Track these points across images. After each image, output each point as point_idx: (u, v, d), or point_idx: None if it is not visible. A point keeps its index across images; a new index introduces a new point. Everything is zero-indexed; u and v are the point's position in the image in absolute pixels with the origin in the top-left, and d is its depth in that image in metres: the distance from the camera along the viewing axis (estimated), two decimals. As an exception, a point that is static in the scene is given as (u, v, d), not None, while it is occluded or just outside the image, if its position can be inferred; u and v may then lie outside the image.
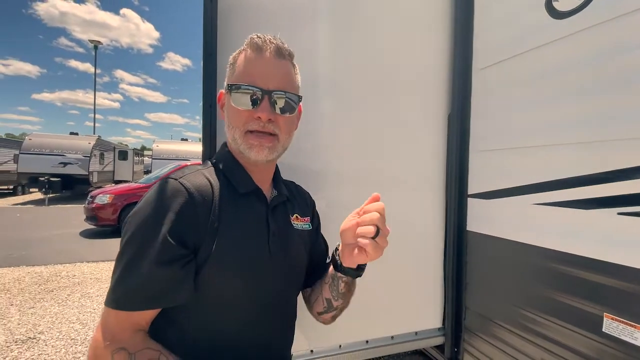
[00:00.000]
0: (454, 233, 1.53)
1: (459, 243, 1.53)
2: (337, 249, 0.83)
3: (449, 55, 1.55)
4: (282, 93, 0.76)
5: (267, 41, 0.76)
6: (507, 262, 1.31)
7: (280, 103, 0.76)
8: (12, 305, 3.74)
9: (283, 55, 0.77)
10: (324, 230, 1.44)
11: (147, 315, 0.68)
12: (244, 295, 0.76)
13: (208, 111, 1.18)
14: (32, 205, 12.45)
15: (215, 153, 0.88)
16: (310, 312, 0.97)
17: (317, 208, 1.05)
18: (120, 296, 0.64)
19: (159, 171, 9.34)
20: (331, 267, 0.88)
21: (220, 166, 0.82)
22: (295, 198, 0.96)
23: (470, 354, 1.47)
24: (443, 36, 1.55)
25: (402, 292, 1.52)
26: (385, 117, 1.48)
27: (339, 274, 0.83)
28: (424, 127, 1.55)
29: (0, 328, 3.20)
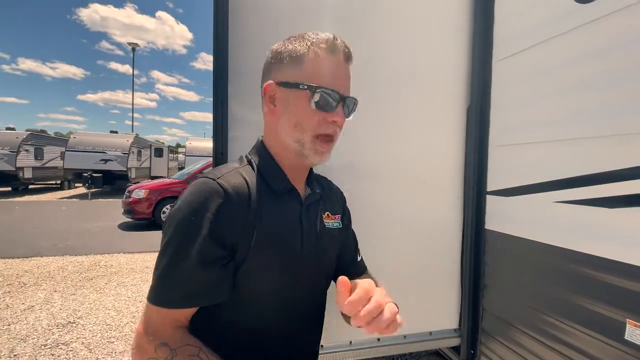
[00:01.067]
0: (471, 231, 1.47)
1: (476, 242, 1.47)
2: None
3: (467, 45, 1.48)
4: (353, 101, 0.79)
5: (342, 44, 0.78)
6: (527, 263, 1.24)
7: (350, 109, 0.79)
8: (55, 291, 4.04)
9: (350, 60, 0.80)
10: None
11: (187, 313, 0.71)
12: (277, 294, 0.78)
13: (220, 108, 1.20)
14: (76, 199, 13.34)
15: (251, 149, 0.87)
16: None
17: None
18: (163, 294, 0.67)
19: (191, 167, 9.70)
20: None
21: (256, 164, 0.82)
22: (327, 195, 0.95)
23: (487, 356, 1.41)
24: (462, 25, 1.48)
25: (416, 291, 1.49)
26: (400, 111, 1.44)
27: None
28: (441, 120, 1.50)
29: (45, 312, 3.47)
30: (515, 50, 1.30)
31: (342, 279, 0.63)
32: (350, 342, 1.39)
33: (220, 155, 1.21)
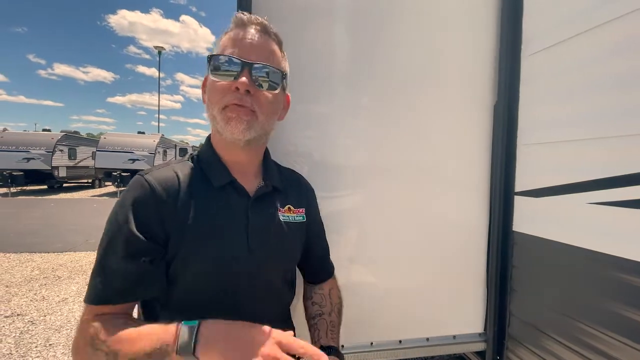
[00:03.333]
0: (498, 233, 1.42)
1: (504, 244, 1.42)
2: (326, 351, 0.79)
3: (495, 39, 1.43)
4: (262, 66, 0.72)
5: (252, 18, 0.74)
6: (559, 266, 1.18)
7: (263, 79, 0.72)
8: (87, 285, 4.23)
9: (268, 33, 0.75)
10: (362, 227, 1.41)
11: (121, 308, 0.68)
12: (218, 294, 0.74)
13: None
14: (106, 197, 13.91)
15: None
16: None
17: (354, 205, 1.01)
18: (92, 292, 0.66)
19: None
20: (322, 313, 0.89)
21: (199, 159, 0.81)
22: (290, 188, 0.91)
23: (514, 363, 1.36)
24: (488, 19, 1.43)
25: (440, 293, 1.45)
26: (424, 109, 1.41)
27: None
28: (467, 118, 1.45)
29: (78, 305, 3.64)
30: (547, 44, 1.24)
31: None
32: (372, 343, 1.38)
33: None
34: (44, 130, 17.20)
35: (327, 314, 0.90)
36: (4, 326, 3.12)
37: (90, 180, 18.26)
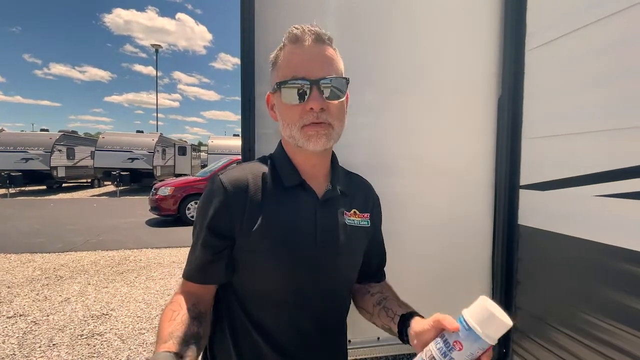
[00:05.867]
0: (503, 227, 1.42)
1: (509, 238, 1.42)
2: (408, 322, 0.72)
3: (498, 33, 1.43)
4: (329, 80, 0.74)
5: (306, 30, 0.75)
6: (565, 259, 1.19)
7: (330, 91, 0.74)
8: (89, 284, 4.23)
9: (323, 40, 0.76)
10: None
11: (202, 289, 0.79)
12: (281, 285, 0.78)
13: (247, 105, 1.21)
14: (106, 197, 13.90)
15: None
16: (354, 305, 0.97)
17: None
18: (185, 268, 0.81)
19: (214, 165, 9.91)
20: (387, 296, 0.87)
21: (272, 161, 0.85)
22: (356, 192, 0.93)
23: (520, 355, 1.37)
24: (492, 13, 1.42)
25: (446, 287, 1.45)
26: (428, 102, 1.40)
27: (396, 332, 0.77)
28: (471, 112, 1.45)
29: (80, 304, 3.64)
30: (551, 37, 1.24)
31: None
32: (378, 338, 1.38)
33: (248, 151, 1.22)
34: (41, 130, 17.15)
35: (391, 295, 0.89)
36: (6, 327, 3.12)
37: (89, 180, 18.24)
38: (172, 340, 0.62)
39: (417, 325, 0.68)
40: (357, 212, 0.88)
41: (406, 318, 0.73)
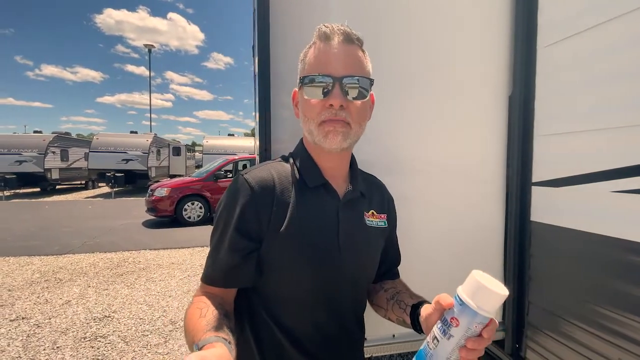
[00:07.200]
0: (515, 223, 1.44)
1: (521, 234, 1.43)
2: (418, 310, 0.74)
3: (509, 31, 1.44)
4: (353, 78, 0.74)
5: (335, 29, 0.75)
6: (578, 254, 1.20)
7: (353, 90, 0.75)
8: (89, 287, 4.19)
9: (352, 40, 0.76)
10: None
11: (224, 292, 0.77)
12: (308, 287, 0.79)
13: (263, 104, 1.21)
14: (100, 199, 13.76)
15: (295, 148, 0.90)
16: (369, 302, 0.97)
17: None
18: (204, 272, 0.79)
19: (209, 165, 9.84)
20: (400, 290, 0.88)
21: (294, 161, 0.85)
22: (373, 193, 0.94)
23: (534, 350, 1.38)
24: (503, 11, 1.44)
25: (457, 282, 1.46)
26: (439, 101, 1.41)
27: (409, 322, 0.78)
28: (481, 110, 1.46)
29: (81, 307, 3.61)
30: (563, 36, 1.25)
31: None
32: (394, 335, 1.39)
33: (264, 152, 1.22)
34: (34, 132, 16.90)
35: (403, 289, 0.90)
36: (10, 330, 3.09)
37: (83, 182, 18.04)
38: (211, 330, 0.60)
39: (424, 311, 0.70)
40: (375, 213, 0.90)
41: (417, 307, 0.75)
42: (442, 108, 1.42)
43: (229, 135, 21.52)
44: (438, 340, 0.57)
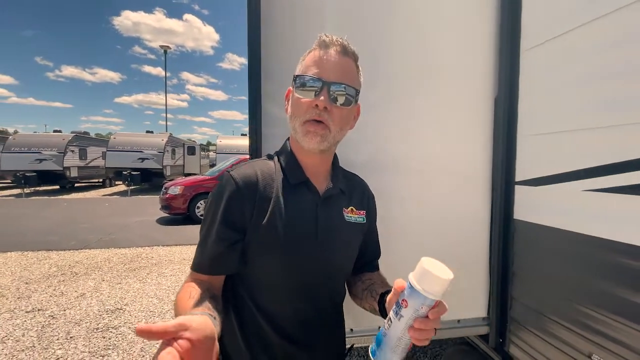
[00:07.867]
0: (500, 221, 1.48)
1: (505, 232, 1.47)
2: (384, 297, 0.80)
3: (494, 35, 1.48)
4: (341, 86, 0.82)
5: (334, 40, 0.83)
6: (558, 251, 1.24)
7: (340, 97, 0.82)
8: (103, 280, 4.37)
9: (347, 53, 0.84)
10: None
11: (211, 279, 0.83)
12: (287, 275, 0.85)
13: (254, 107, 1.29)
14: (117, 196, 14.15)
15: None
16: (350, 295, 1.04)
17: None
18: (193, 261, 0.85)
19: (222, 164, 10.02)
20: (375, 281, 0.93)
21: (278, 159, 0.93)
22: (354, 191, 1.00)
23: (516, 345, 1.42)
24: (488, 15, 1.47)
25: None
26: (427, 102, 1.46)
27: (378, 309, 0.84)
28: (468, 111, 1.51)
29: (95, 299, 3.77)
30: (545, 38, 1.29)
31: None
32: (379, 327, 1.44)
33: (255, 150, 1.29)
34: (54, 131, 17.49)
35: (378, 281, 0.96)
36: (25, 320, 3.26)
37: (100, 180, 18.58)
38: (198, 308, 0.67)
39: (388, 297, 0.75)
40: (354, 210, 0.95)
41: (385, 295, 0.81)
42: (429, 109, 1.47)
43: (242, 135, 21.79)
44: (391, 321, 0.64)
